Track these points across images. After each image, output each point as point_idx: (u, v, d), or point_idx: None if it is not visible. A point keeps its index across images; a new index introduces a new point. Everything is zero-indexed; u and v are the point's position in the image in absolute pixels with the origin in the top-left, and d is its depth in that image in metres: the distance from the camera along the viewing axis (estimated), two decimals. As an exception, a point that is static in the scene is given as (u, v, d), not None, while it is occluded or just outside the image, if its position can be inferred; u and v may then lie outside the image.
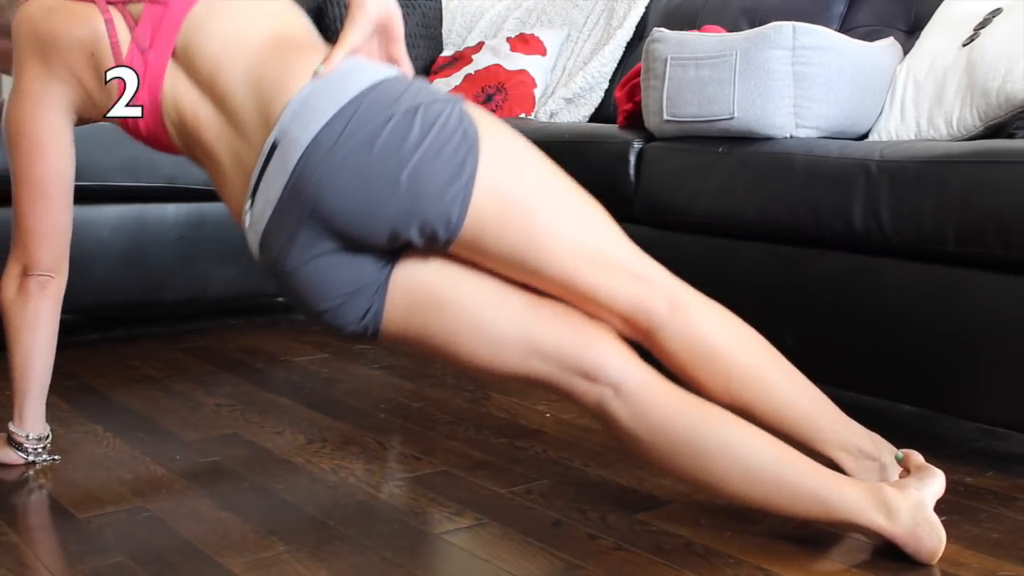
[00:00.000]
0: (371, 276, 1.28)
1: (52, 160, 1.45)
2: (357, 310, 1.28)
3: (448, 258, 1.30)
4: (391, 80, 1.27)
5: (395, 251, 1.29)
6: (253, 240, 1.29)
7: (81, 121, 1.47)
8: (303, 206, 1.22)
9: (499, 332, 1.28)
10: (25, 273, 1.48)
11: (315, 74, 1.26)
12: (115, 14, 1.37)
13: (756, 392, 1.33)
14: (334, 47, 1.29)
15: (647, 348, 1.35)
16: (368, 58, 1.32)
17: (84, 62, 1.38)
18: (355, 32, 1.29)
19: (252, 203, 1.27)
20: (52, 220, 1.47)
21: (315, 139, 1.21)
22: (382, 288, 1.28)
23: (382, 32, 1.34)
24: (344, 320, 1.29)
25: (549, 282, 1.29)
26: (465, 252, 1.28)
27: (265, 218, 1.25)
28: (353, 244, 1.25)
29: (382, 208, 1.23)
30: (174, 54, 1.35)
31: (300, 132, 1.22)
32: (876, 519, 1.20)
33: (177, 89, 1.35)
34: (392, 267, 1.29)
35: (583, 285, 1.29)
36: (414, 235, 1.25)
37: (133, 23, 1.37)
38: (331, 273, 1.26)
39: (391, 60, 1.36)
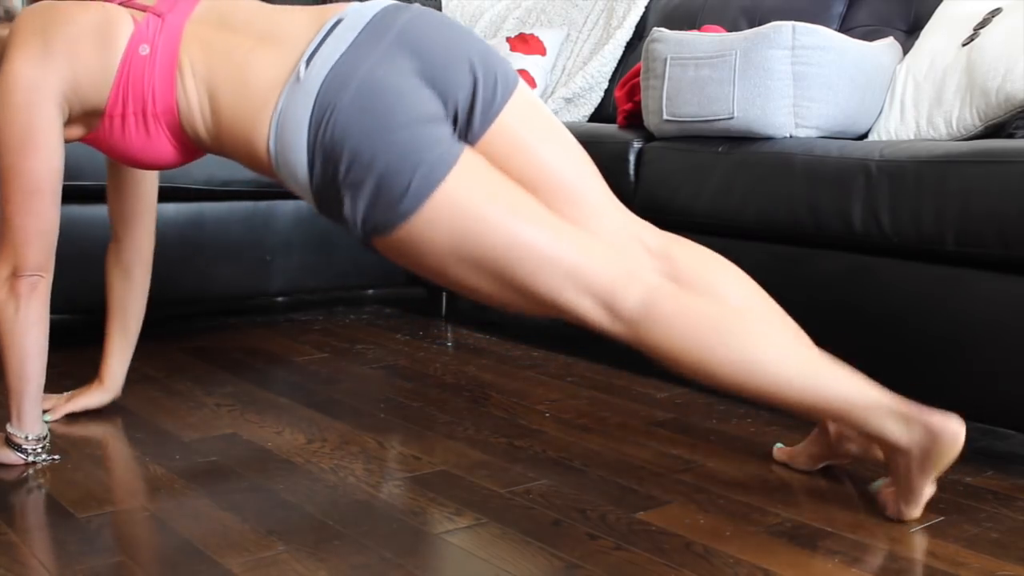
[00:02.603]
0: (446, 129, 1.34)
1: (45, 153, 1.41)
2: (419, 158, 1.31)
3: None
4: None
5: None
6: (311, 86, 1.32)
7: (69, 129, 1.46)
8: (388, 31, 1.34)
9: (535, 244, 1.33)
10: (15, 275, 1.45)
11: None
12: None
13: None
14: None
15: None
16: None
17: (90, 46, 1.39)
18: None
19: (308, 65, 1.33)
20: (43, 217, 1.44)
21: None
22: (452, 152, 1.32)
23: None
24: (395, 180, 1.30)
25: (565, 183, 1.43)
26: (499, 141, 1.39)
27: (333, 58, 1.32)
28: (431, 79, 1.35)
29: (464, 45, 1.38)
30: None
31: None
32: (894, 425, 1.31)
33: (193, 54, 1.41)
34: (462, 145, 1.35)
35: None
36: (480, 83, 1.36)
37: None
38: (413, 88, 1.32)
39: None
